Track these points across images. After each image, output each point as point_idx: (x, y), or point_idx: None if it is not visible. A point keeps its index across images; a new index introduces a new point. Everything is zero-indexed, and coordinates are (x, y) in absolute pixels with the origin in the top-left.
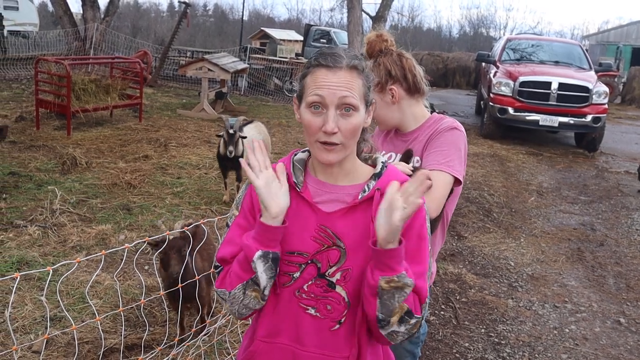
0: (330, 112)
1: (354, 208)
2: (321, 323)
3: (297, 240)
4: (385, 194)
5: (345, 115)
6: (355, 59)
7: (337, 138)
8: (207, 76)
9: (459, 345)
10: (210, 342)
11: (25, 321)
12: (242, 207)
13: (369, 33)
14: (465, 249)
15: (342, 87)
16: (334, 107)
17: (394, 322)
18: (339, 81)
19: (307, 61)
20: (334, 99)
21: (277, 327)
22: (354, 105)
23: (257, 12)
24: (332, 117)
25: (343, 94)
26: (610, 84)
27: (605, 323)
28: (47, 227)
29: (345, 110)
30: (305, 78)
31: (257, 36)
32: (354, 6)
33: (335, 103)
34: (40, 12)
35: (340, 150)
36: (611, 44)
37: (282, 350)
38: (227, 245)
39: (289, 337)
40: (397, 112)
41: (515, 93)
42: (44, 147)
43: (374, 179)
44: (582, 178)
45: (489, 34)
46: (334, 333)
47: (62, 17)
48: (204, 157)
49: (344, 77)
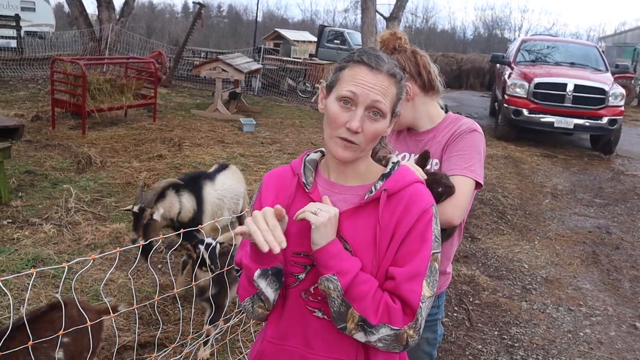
0: (358, 111)
1: (361, 209)
2: (328, 325)
3: (302, 241)
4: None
5: (371, 118)
6: (397, 67)
7: (357, 138)
8: (221, 76)
9: (472, 348)
10: (222, 341)
11: None
12: (252, 208)
13: (382, 32)
14: (479, 251)
15: (377, 90)
16: (364, 108)
17: (352, 329)
18: (376, 83)
19: (347, 54)
20: (366, 100)
21: (285, 329)
22: (382, 111)
23: (271, 13)
24: (359, 116)
25: (377, 97)
26: (627, 86)
27: (620, 327)
28: (62, 225)
29: (374, 114)
30: (342, 71)
31: (270, 37)
32: (368, 7)
33: (366, 104)
34: (57, 13)
35: (357, 150)
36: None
37: (290, 353)
38: (241, 248)
39: (298, 340)
40: (411, 110)
41: (530, 94)
42: (60, 146)
43: (382, 179)
44: (597, 180)
45: (503, 36)
46: (342, 337)
47: (77, 17)
48: (217, 157)
49: (382, 82)
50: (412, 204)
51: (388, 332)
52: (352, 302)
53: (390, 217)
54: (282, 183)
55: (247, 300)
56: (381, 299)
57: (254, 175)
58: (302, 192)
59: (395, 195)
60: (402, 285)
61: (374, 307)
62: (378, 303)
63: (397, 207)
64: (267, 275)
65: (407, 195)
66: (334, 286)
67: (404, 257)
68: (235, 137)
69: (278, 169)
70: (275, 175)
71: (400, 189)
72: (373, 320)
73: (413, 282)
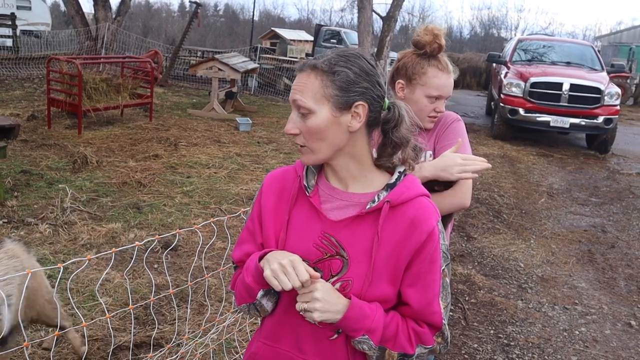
0: (292, 115)
1: (361, 218)
2: (320, 332)
3: (299, 245)
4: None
5: (302, 117)
6: (320, 59)
7: (299, 140)
8: (218, 76)
9: (468, 347)
10: (218, 341)
11: None
12: (252, 210)
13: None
14: (475, 250)
15: (295, 90)
16: (295, 110)
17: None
18: (296, 84)
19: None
20: (292, 102)
21: (278, 332)
22: (305, 107)
23: (268, 12)
24: (290, 119)
25: (294, 97)
26: (623, 85)
27: (615, 325)
28: (58, 225)
29: (302, 113)
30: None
31: (267, 36)
32: (365, 6)
33: (294, 106)
34: (53, 11)
35: (308, 152)
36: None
37: (282, 356)
38: (238, 247)
39: (290, 344)
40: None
41: (526, 94)
42: (55, 146)
43: (386, 190)
44: (593, 180)
45: (500, 35)
46: (333, 342)
47: (74, 16)
48: (213, 156)
49: (299, 80)
50: (418, 222)
51: (423, 351)
52: (386, 345)
53: (392, 230)
54: (283, 184)
55: (243, 306)
56: (409, 329)
57: (250, 175)
58: (303, 195)
59: (398, 208)
60: (422, 312)
61: (407, 340)
62: (408, 334)
63: (400, 220)
64: (269, 292)
65: (411, 210)
66: (369, 346)
67: (415, 278)
68: (231, 136)
69: (280, 169)
70: (277, 175)
71: (404, 202)
72: (410, 350)
73: (432, 306)
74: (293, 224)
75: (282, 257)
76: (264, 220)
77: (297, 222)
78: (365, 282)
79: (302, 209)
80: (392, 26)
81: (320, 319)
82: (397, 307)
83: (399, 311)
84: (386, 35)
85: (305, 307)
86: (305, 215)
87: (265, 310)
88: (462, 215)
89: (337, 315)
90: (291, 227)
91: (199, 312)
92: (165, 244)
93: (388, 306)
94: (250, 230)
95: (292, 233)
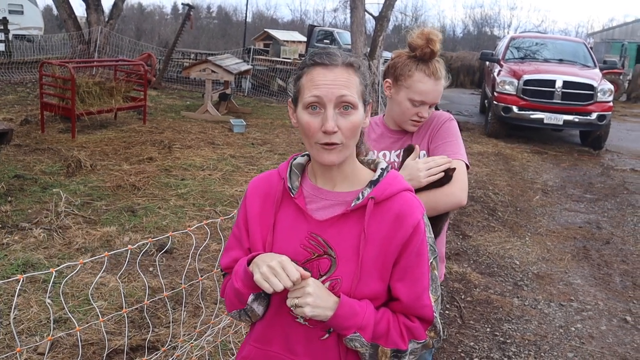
0: (329, 111)
1: (346, 216)
2: (311, 332)
3: (287, 247)
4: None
5: (344, 113)
6: (350, 56)
7: (337, 137)
8: (211, 78)
9: (464, 345)
10: (214, 343)
11: (30, 323)
12: (237, 216)
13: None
14: (470, 248)
15: (339, 85)
16: (332, 106)
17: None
18: (335, 79)
19: (300, 63)
20: (332, 98)
21: (269, 334)
22: (352, 104)
23: (261, 13)
24: (331, 115)
25: (341, 92)
26: (616, 81)
27: (611, 321)
28: (52, 229)
29: (344, 109)
30: (300, 79)
31: (260, 37)
32: (357, 6)
33: (333, 101)
34: (45, 15)
35: (341, 150)
36: (616, 41)
37: (273, 358)
38: (225, 254)
39: (281, 346)
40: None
41: (519, 91)
42: (49, 150)
43: (370, 187)
44: (587, 176)
45: (492, 33)
46: (324, 342)
47: (66, 20)
48: (208, 158)
49: (341, 75)
50: (403, 217)
51: (416, 346)
52: (378, 341)
53: (378, 226)
54: (267, 189)
55: (234, 313)
56: (400, 325)
57: (244, 177)
58: (288, 197)
59: (383, 204)
60: (413, 306)
61: (399, 336)
62: (400, 330)
63: (385, 216)
64: (259, 296)
65: (395, 205)
66: (360, 343)
67: (403, 272)
68: (225, 138)
69: (264, 174)
70: (260, 180)
71: (388, 197)
72: (403, 346)
73: (421, 299)
74: (279, 226)
75: (270, 259)
76: (250, 225)
77: (284, 224)
78: (354, 279)
79: (288, 211)
80: (384, 26)
81: (311, 314)
82: (387, 304)
83: (389, 307)
84: (379, 35)
85: (296, 302)
86: (291, 217)
87: (257, 314)
88: (457, 214)
89: (328, 312)
90: (277, 229)
91: (194, 314)
92: (160, 247)
93: (378, 303)
94: (236, 237)
95: (279, 235)
